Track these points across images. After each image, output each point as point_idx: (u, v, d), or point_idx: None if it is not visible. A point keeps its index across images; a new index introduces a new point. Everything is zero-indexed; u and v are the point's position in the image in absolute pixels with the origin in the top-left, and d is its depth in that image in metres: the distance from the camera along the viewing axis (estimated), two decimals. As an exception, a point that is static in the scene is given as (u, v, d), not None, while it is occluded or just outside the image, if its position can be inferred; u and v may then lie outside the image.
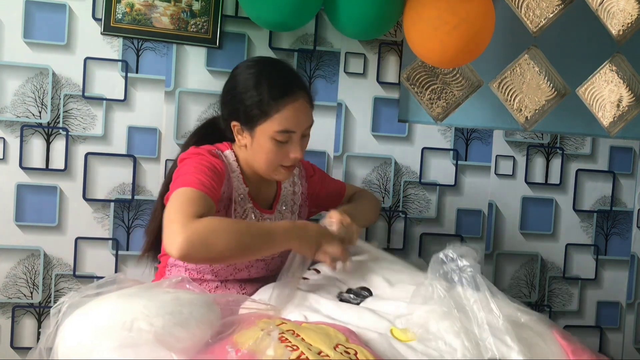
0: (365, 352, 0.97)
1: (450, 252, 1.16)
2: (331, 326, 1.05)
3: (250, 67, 1.39)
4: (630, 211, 2.13)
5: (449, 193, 2.00)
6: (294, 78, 1.39)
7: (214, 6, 1.79)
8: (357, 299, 1.23)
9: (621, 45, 2.03)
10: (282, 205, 1.50)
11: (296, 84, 1.37)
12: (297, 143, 1.36)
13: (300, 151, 1.36)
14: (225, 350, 0.92)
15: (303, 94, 1.36)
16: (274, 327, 0.97)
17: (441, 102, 1.96)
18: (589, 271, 2.11)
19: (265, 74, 1.36)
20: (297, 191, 1.55)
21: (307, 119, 1.38)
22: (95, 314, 0.98)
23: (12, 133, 1.74)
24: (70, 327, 0.98)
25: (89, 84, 1.77)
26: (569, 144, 2.07)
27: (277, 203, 1.49)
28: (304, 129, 1.37)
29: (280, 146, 1.35)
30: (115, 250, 1.80)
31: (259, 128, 1.34)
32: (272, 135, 1.33)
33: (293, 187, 1.54)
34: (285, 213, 1.50)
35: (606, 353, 2.15)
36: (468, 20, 1.52)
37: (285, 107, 1.32)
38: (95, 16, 1.75)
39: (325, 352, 0.94)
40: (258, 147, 1.36)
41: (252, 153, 1.38)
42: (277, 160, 1.36)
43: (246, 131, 1.36)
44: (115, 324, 0.94)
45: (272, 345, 0.89)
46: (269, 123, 1.33)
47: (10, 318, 1.76)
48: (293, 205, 1.53)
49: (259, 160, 1.37)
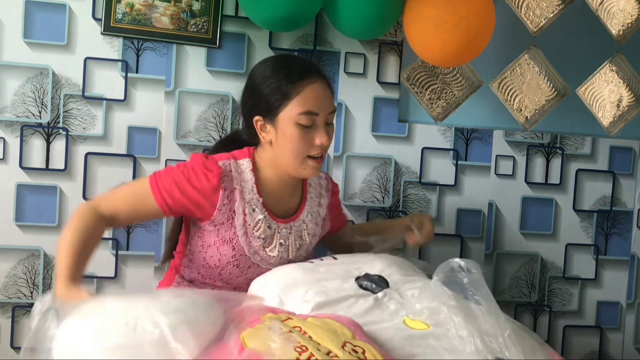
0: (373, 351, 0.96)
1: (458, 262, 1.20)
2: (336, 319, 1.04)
3: (265, 62, 1.40)
4: (630, 211, 2.13)
5: (449, 193, 2.00)
6: (310, 64, 1.40)
7: (214, 6, 1.79)
8: (376, 287, 1.24)
9: (621, 45, 2.03)
10: (308, 215, 1.46)
11: (313, 68, 1.37)
12: (322, 128, 1.33)
13: (326, 136, 1.33)
14: (231, 350, 0.92)
15: (321, 78, 1.35)
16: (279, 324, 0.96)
17: (441, 102, 1.96)
18: (589, 271, 2.11)
19: (280, 62, 1.37)
20: (322, 203, 1.51)
21: (329, 102, 1.36)
22: (97, 316, 0.96)
23: (12, 133, 1.74)
24: (69, 333, 0.96)
25: (89, 84, 1.77)
26: (569, 144, 2.07)
27: (301, 212, 1.45)
28: (327, 112, 1.34)
29: (306, 132, 1.32)
30: (115, 250, 1.80)
31: (282, 115, 1.32)
32: (296, 119, 1.30)
33: (319, 199, 1.51)
34: (309, 223, 1.46)
35: (606, 353, 2.15)
36: (468, 19, 1.52)
37: (306, 88, 1.31)
38: (95, 16, 1.75)
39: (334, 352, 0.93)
40: (283, 138, 1.33)
41: (277, 147, 1.35)
42: (304, 149, 1.33)
43: (269, 123, 1.34)
44: (118, 324, 0.93)
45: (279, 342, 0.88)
46: (291, 106, 1.31)
47: (10, 318, 1.76)
48: (318, 218, 1.49)
49: (285, 153, 1.34)
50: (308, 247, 1.47)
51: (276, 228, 1.39)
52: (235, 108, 1.84)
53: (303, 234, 1.44)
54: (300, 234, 1.44)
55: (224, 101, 1.83)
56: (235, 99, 1.83)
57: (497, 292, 2.05)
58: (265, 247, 1.38)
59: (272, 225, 1.39)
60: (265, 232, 1.38)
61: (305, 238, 1.45)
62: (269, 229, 1.38)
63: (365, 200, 1.94)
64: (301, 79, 1.31)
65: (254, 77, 1.38)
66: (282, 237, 1.40)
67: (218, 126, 1.83)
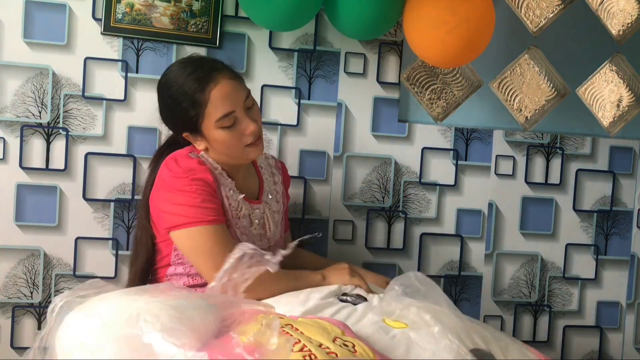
0: (363, 345, 1.00)
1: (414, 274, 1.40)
2: (326, 320, 1.07)
3: (164, 84, 1.40)
4: (630, 211, 2.13)
5: (449, 193, 2.00)
6: (205, 63, 1.39)
7: (214, 6, 1.79)
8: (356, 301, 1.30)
9: (621, 45, 2.03)
10: (268, 195, 1.53)
11: (210, 66, 1.37)
12: (245, 117, 1.37)
13: (253, 123, 1.37)
14: (231, 341, 0.93)
15: (223, 73, 1.37)
16: (274, 318, 0.98)
17: (441, 102, 1.96)
18: (589, 271, 2.11)
19: (175, 81, 1.37)
20: (277, 181, 1.59)
21: (239, 94, 1.38)
22: (98, 311, 0.99)
23: (12, 133, 1.74)
24: (72, 325, 0.99)
25: (89, 84, 1.77)
26: (569, 144, 2.07)
27: (262, 194, 1.52)
28: (241, 103, 1.37)
29: (232, 130, 1.36)
30: (115, 250, 1.80)
31: (204, 126, 1.36)
32: (217, 125, 1.34)
33: (273, 177, 1.58)
34: (272, 202, 1.54)
35: (606, 353, 2.15)
36: (468, 19, 1.52)
37: (210, 94, 1.33)
38: (95, 16, 1.75)
39: (325, 344, 0.95)
40: (215, 143, 1.38)
41: (214, 150, 1.41)
42: (237, 143, 1.38)
43: (197, 135, 1.39)
44: (120, 319, 0.95)
45: (274, 335, 0.90)
46: (207, 117, 1.34)
47: (10, 318, 1.76)
48: (277, 195, 1.57)
49: (224, 153, 1.40)
50: (277, 223, 1.54)
51: (250, 208, 1.46)
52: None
53: (271, 212, 1.52)
54: (269, 212, 1.51)
55: (224, 101, 1.83)
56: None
57: (497, 292, 2.05)
58: (248, 227, 1.45)
59: (247, 207, 1.45)
60: (245, 212, 1.44)
61: (274, 216, 1.52)
62: (246, 209, 1.44)
63: (365, 200, 1.94)
64: (203, 86, 1.33)
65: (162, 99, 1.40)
66: (257, 217, 1.47)
67: (218, 126, 1.83)
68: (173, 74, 1.40)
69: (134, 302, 0.99)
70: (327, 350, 0.94)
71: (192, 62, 1.40)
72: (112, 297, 1.03)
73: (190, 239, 1.32)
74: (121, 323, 0.95)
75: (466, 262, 2.03)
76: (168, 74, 1.41)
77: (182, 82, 1.36)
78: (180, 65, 1.41)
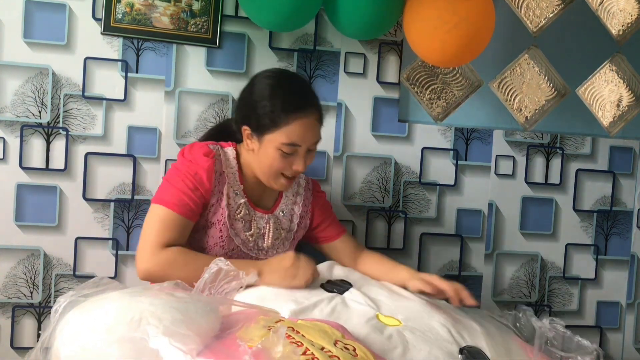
0: (363, 349, 0.99)
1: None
2: (325, 323, 1.07)
3: (269, 77, 1.44)
4: (630, 211, 2.13)
5: (449, 193, 2.00)
6: (308, 94, 1.44)
7: (214, 6, 1.79)
8: (341, 288, 1.32)
9: (621, 45, 2.03)
10: (281, 212, 1.55)
11: (309, 100, 1.42)
12: (302, 157, 1.42)
13: (303, 165, 1.43)
14: (237, 344, 0.93)
15: (314, 111, 1.42)
16: (281, 325, 0.98)
17: (441, 102, 1.96)
18: (589, 271, 2.11)
19: (281, 86, 1.41)
20: (298, 201, 1.58)
21: (314, 136, 1.43)
22: (100, 313, 0.98)
23: (12, 133, 1.74)
24: (73, 326, 0.98)
25: (89, 83, 1.77)
26: (569, 144, 2.07)
27: (276, 208, 1.54)
28: (310, 144, 1.42)
29: (285, 157, 1.41)
30: (115, 250, 1.80)
31: (267, 137, 1.40)
32: (278, 146, 1.39)
33: (295, 197, 1.58)
34: (283, 219, 1.54)
35: (606, 353, 2.15)
36: (468, 19, 1.52)
37: (294, 122, 1.38)
38: (95, 16, 1.75)
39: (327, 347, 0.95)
40: (264, 155, 1.41)
41: (257, 158, 1.44)
42: (279, 169, 1.42)
43: (255, 137, 1.42)
44: (122, 321, 0.95)
45: (280, 342, 0.89)
46: (277, 134, 1.38)
47: (10, 318, 1.76)
48: (292, 215, 1.57)
49: (262, 167, 1.44)
50: (284, 240, 1.54)
51: (254, 215, 1.48)
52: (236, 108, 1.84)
53: (278, 227, 1.52)
54: (276, 227, 1.52)
55: (224, 101, 1.83)
56: (235, 99, 1.83)
57: (497, 292, 2.05)
58: (245, 231, 1.46)
59: (250, 212, 1.48)
60: (245, 216, 1.46)
61: (281, 232, 1.53)
62: (247, 214, 1.47)
63: (365, 200, 1.94)
64: (294, 111, 1.38)
65: (253, 89, 1.44)
66: (258, 225, 1.49)
67: (218, 126, 1.83)
68: (277, 78, 1.44)
69: (139, 302, 0.98)
70: (330, 354, 0.94)
71: (299, 82, 1.46)
72: (116, 298, 1.03)
73: (150, 213, 1.37)
74: (125, 325, 0.94)
75: (466, 262, 2.03)
76: (272, 75, 1.45)
77: (278, 91, 1.40)
78: (286, 76, 1.46)
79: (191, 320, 0.97)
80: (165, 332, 0.93)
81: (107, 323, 0.95)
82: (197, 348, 0.94)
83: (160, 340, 0.92)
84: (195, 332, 0.96)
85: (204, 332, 0.98)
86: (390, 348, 1.10)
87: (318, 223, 1.62)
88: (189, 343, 0.93)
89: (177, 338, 0.93)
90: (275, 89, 1.40)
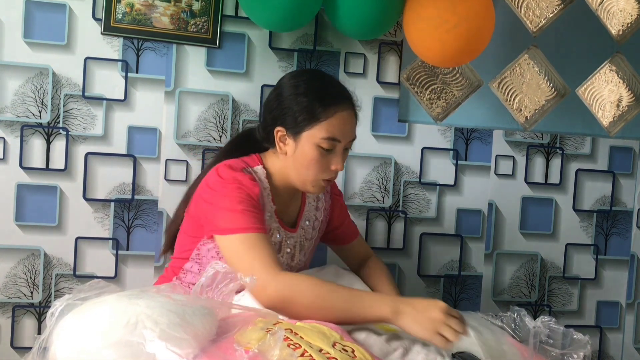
0: (362, 350, 0.99)
1: None
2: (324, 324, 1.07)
3: (298, 76, 1.40)
4: (630, 211, 2.13)
5: (449, 193, 2.00)
6: (344, 89, 1.40)
7: (214, 6, 1.79)
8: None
9: (621, 45, 2.03)
10: (305, 221, 1.50)
11: (347, 94, 1.38)
12: (340, 154, 1.35)
13: (342, 163, 1.36)
14: (233, 348, 0.93)
15: (351, 106, 1.37)
16: (278, 328, 0.98)
17: (441, 102, 1.96)
18: (589, 271, 2.12)
19: (315, 81, 1.37)
20: (320, 207, 1.54)
21: (353, 131, 1.38)
22: (96, 315, 0.97)
23: (12, 133, 1.74)
24: (70, 329, 0.97)
25: (89, 84, 1.77)
26: (568, 144, 2.07)
27: (300, 219, 1.49)
28: (348, 140, 1.36)
29: (324, 155, 1.33)
30: (115, 250, 1.80)
31: (306, 134, 1.32)
32: (318, 142, 1.32)
33: (317, 203, 1.53)
34: (308, 229, 1.50)
35: (606, 353, 2.15)
36: (468, 19, 1.52)
37: (335, 115, 1.32)
38: (95, 16, 1.75)
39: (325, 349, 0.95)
40: (301, 155, 1.34)
41: (292, 161, 1.36)
42: (319, 171, 1.35)
43: (290, 137, 1.35)
44: (119, 324, 0.94)
45: (277, 346, 0.89)
46: (317, 129, 1.32)
47: (10, 318, 1.76)
48: (315, 221, 1.53)
49: (300, 170, 1.35)
50: (306, 251, 1.51)
51: (284, 236, 1.42)
52: (235, 108, 1.84)
53: (304, 240, 1.48)
54: (302, 240, 1.48)
55: (224, 101, 1.83)
56: (235, 99, 1.83)
57: (497, 292, 2.05)
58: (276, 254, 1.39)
59: (282, 234, 1.42)
60: (276, 239, 1.40)
61: (304, 243, 1.49)
62: (278, 237, 1.41)
63: (365, 200, 1.94)
64: (334, 104, 1.33)
65: (284, 87, 1.38)
66: (289, 245, 1.44)
67: (218, 126, 1.83)
68: (307, 75, 1.40)
69: (135, 305, 0.97)
70: (328, 356, 0.94)
71: (331, 78, 1.41)
72: (112, 300, 1.02)
73: (230, 246, 1.26)
74: (121, 329, 0.94)
75: (466, 262, 2.03)
76: (303, 72, 1.43)
77: (317, 86, 1.35)
78: (316, 72, 1.42)
79: (188, 324, 0.96)
80: (162, 336, 0.92)
81: (103, 326, 0.94)
82: (193, 352, 0.94)
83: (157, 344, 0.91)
84: (192, 336, 0.95)
85: (200, 335, 0.97)
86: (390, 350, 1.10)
87: (335, 226, 1.60)
88: (185, 347, 0.93)
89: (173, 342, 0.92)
90: (310, 83, 1.35)
